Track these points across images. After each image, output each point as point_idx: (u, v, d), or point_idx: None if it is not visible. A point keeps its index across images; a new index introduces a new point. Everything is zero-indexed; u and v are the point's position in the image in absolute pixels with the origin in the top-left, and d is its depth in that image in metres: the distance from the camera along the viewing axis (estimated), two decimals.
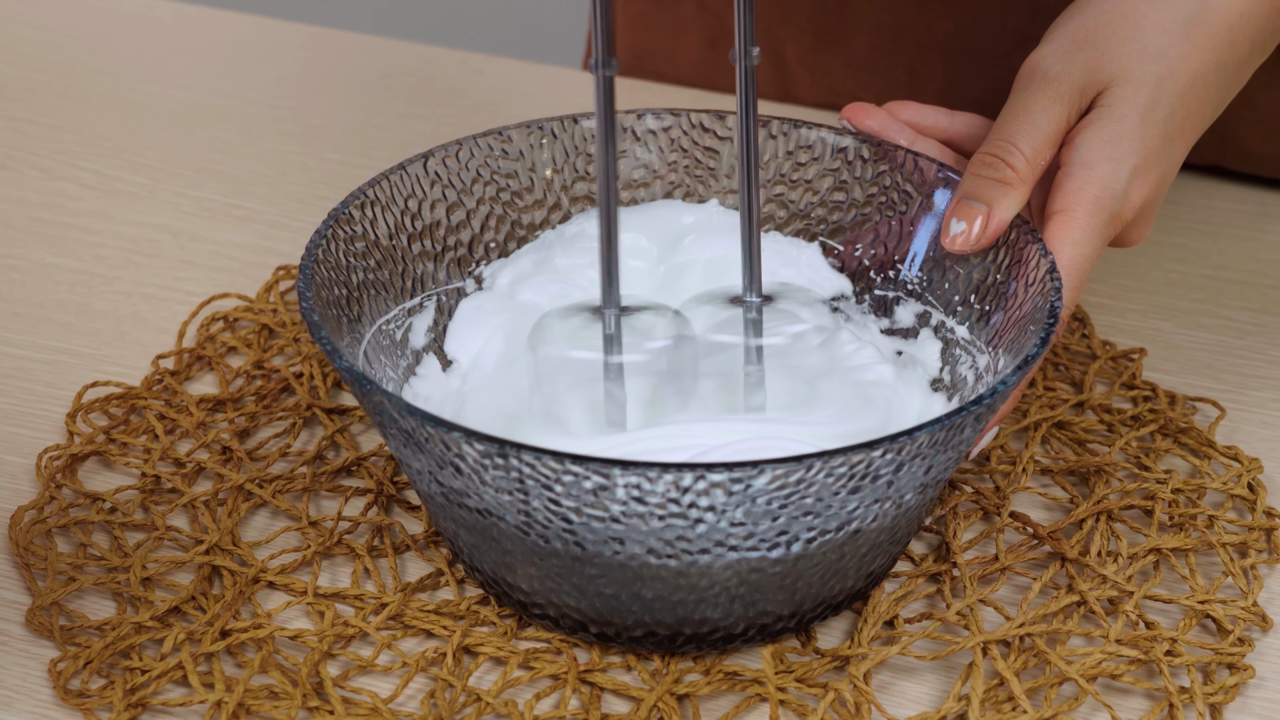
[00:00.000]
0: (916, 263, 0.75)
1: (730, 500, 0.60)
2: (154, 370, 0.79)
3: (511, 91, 1.02)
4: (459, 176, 0.75)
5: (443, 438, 0.61)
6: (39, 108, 0.99)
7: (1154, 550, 0.71)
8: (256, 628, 0.67)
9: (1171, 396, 0.79)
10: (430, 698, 0.65)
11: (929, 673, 0.67)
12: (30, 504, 0.72)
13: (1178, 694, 0.65)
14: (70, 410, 0.77)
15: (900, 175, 0.75)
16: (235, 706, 0.64)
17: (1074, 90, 0.71)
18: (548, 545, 0.63)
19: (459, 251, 0.76)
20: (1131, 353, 0.81)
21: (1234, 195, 0.93)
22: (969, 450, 0.68)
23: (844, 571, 0.66)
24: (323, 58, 1.04)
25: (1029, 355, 0.65)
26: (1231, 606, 0.69)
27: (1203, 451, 0.76)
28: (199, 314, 0.83)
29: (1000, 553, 0.71)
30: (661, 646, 0.66)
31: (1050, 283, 0.67)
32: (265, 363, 0.80)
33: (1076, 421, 0.77)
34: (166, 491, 0.74)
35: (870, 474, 0.62)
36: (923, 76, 0.97)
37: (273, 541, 0.72)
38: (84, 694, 0.65)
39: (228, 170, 0.94)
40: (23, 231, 0.89)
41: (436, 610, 0.68)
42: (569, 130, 0.77)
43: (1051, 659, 0.66)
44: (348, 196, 0.72)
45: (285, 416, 0.77)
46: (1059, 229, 0.70)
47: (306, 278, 0.68)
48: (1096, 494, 0.73)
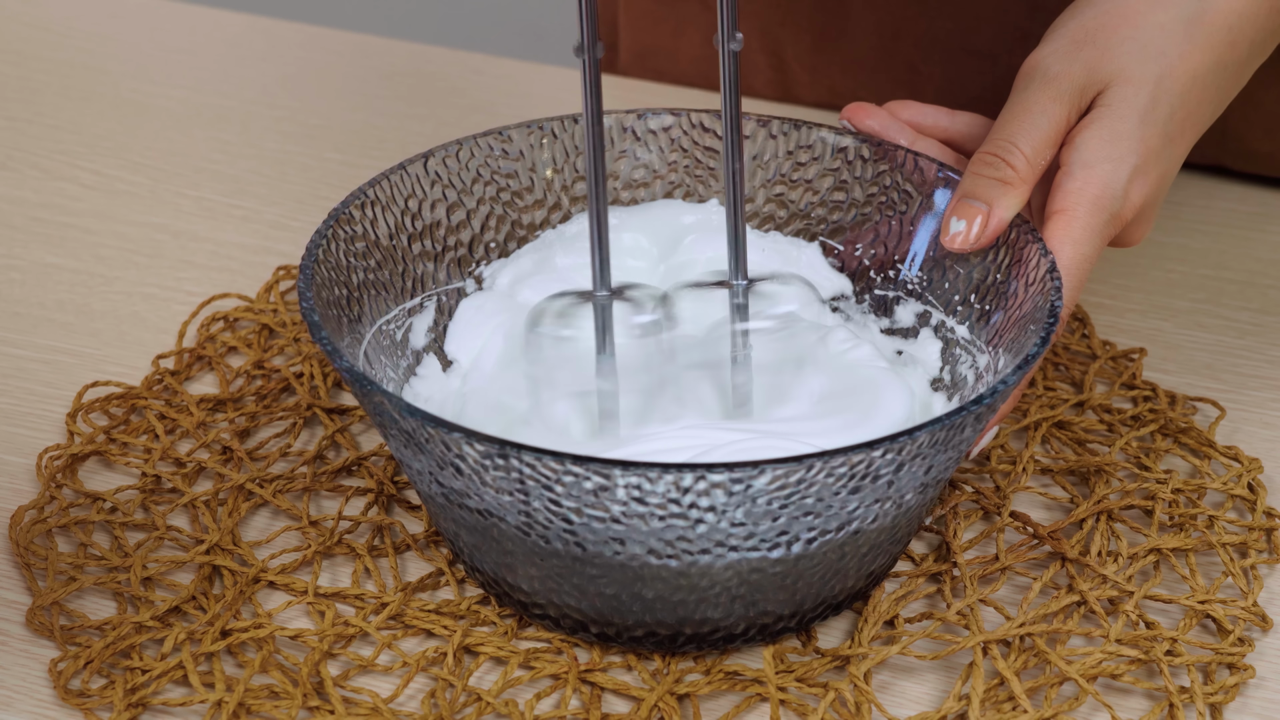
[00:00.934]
0: (916, 262, 0.75)
1: (730, 500, 0.60)
2: (154, 370, 0.79)
3: (511, 91, 1.02)
4: (459, 176, 0.75)
5: (443, 438, 0.61)
6: (39, 108, 0.99)
7: (1154, 550, 0.71)
8: (257, 627, 0.67)
9: (1171, 396, 0.79)
10: (431, 697, 0.65)
11: (929, 672, 0.67)
12: (30, 504, 0.72)
13: (1178, 694, 0.65)
14: (71, 410, 0.77)
15: (900, 175, 0.75)
16: (236, 706, 0.64)
17: (1074, 90, 0.71)
18: (548, 546, 0.63)
19: (459, 251, 0.76)
20: (1131, 353, 0.81)
21: (1234, 195, 0.93)
22: (969, 449, 0.68)
23: (844, 571, 0.66)
24: (323, 58, 1.04)
25: (1029, 355, 0.65)
26: (1231, 606, 0.69)
27: (1203, 451, 0.76)
28: (199, 314, 0.83)
29: (1000, 552, 0.71)
30: (662, 646, 0.66)
31: (1050, 282, 0.67)
32: (265, 363, 0.80)
33: (1077, 421, 0.77)
34: (167, 491, 0.74)
35: (871, 474, 0.62)
36: (923, 75, 0.97)
37: (273, 541, 0.72)
38: (84, 694, 0.65)
39: (228, 170, 0.94)
40: (23, 231, 0.89)
41: (437, 610, 0.68)
42: (569, 130, 0.77)
43: (1052, 659, 0.66)
44: (348, 196, 0.72)
45: (285, 416, 0.77)
46: (1059, 228, 0.70)
47: (307, 278, 0.68)
48: (1097, 494, 0.73)
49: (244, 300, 0.84)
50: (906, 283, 0.75)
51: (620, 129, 0.78)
